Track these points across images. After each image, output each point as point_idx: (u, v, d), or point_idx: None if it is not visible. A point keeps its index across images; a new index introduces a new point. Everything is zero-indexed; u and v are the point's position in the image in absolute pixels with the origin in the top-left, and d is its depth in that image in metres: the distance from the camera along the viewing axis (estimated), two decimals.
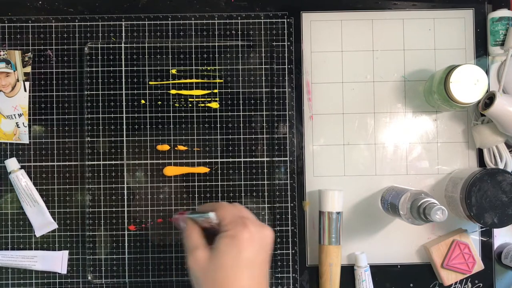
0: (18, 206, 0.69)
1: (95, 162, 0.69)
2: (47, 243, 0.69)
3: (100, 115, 0.69)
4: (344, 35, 0.71)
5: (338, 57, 0.71)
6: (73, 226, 0.69)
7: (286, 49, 0.71)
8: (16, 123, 0.69)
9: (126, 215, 0.69)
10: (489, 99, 0.66)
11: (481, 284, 0.70)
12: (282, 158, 0.70)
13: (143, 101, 0.70)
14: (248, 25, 0.71)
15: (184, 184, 0.70)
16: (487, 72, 0.70)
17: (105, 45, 0.70)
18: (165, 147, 0.70)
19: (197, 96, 0.70)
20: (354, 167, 0.71)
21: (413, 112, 0.71)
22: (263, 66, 0.70)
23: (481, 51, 0.71)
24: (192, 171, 0.70)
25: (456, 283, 0.70)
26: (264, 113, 0.70)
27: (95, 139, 0.69)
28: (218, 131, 0.70)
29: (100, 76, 0.70)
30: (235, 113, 0.70)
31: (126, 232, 0.69)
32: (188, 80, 0.70)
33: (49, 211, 0.69)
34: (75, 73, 0.70)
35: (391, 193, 0.66)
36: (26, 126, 0.69)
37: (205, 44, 0.70)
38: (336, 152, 0.71)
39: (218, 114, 0.70)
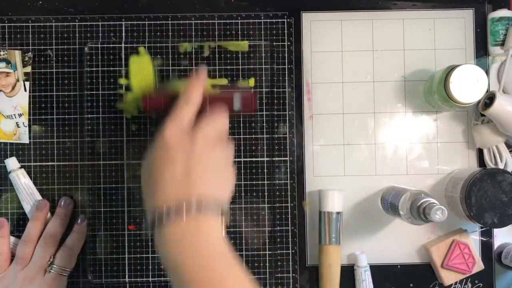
0: (18, 206, 0.69)
1: (95, 162, 0.69)
2: None
3: (100, 115, 0.69)
4: (344, 35, 0.71)
5: (338, 57, 0.71)
6: (73, 225, 0.69)
7: (286, 49, 0.71)
8: (16, 123, 0.69)
9: (126, 215, 0.69)
10: (489, 99, 0.66)
11: (481, 284, 0.70)
12: (282, 158, 0.70)
13: None
14: (248, 25, 0.71)
15: None
16: (487, 72, 0.70)
17: (105, 45, 0.70)
18: None
19: None
20: (354, 167, 0.71)
21: (413, 112, 0.71)
22: (263, 66, 0.70)
23: (481, 51, 0.71)
24: None
25: (456, 283, 0.70)
26: (264, 113, 0.70)
27: (95, 139, 0.69)
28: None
29: (100, 76, 0.70)
30: (235, 113, 0.70)
31: (126, 232, 0.69)
32: None
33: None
34: (75, 73, 0.70)
35: (391, 193, 0.66)
36: (26, 126, 0.69)
37: (205, 44, 0.70)
38: (336, 152, 0.71)
39: None
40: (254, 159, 0.70)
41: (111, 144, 0.70)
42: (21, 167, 0.69)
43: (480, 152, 0.71)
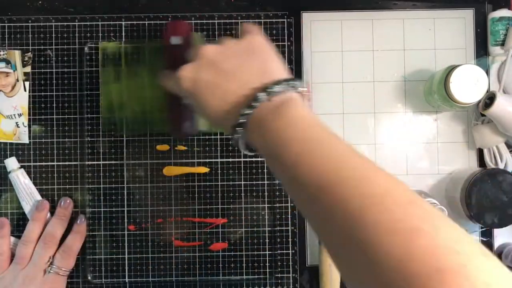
0: (18, 206, 0.69)
1: (95, 162, 0.69)
2: None
3: (100, 115, 0.69)
4: (344, 35, 0.71)
5: (338, 57, 0.71)
6: (73, 225, 0.69)
7: (286, 49, 0.71)
8: (16, 123, 0.69)
9: (126, 215, 0.69)
10: (489, 99, 0.66)
11: None
12: None
13: None
14: None
15: (184, 184, 0.70)
16: (487, 72, 0.70)
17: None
18: (165, 147, 0.70)
19: None
20: None
21: (413, 112, 0.71)
22: None
23: (481, 51, 0.71)
24: (192, 171, 0.70)
25: None
26: None
27: (95, 139, 0.69)
28: (218, 131, 0.70)
29: (100, 76, 0.69)
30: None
31: (126, 232, 0.69)
32: None
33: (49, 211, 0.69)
34: (75, 73, 0.70)
35: None
36: (26, 126, 0.69)
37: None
38: None
39: None
40: (254, 159, 0.70)
41: (111, 144, 0.70)
42: (21, 167, 0.69)
43: (480, 152, 0.71)
